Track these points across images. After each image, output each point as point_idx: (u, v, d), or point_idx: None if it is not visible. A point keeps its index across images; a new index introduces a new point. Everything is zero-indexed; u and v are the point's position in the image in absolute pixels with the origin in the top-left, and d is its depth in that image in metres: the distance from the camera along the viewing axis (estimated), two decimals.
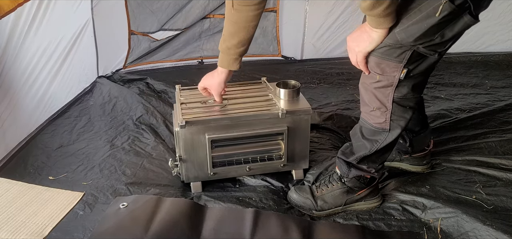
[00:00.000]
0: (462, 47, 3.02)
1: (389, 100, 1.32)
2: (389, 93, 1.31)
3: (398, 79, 1.27)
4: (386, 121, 1.36)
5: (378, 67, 1.28)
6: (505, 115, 2.16)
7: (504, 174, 1.69)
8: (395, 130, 1.38)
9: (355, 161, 1.50)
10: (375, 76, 1.31)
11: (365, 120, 1.42)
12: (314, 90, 2.64)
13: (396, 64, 1.25)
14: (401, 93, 1.32)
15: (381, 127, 1.38)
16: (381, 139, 1.40)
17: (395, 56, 1.24)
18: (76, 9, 2.43)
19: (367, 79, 1.35)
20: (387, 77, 1.29)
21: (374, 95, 1.34)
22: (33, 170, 1.88)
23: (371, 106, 1.37)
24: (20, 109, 2.08)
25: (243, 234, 1.44)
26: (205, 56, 3.08)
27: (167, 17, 2.84)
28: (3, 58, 1.92)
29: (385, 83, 1.30)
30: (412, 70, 1.27)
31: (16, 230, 1.45)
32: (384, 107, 1.34)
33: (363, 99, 1.40)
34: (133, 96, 2.49)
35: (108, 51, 2.77)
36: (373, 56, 1.27)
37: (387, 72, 1.28)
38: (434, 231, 1.46)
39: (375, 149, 1.42)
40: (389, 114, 1.35)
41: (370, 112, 1.39)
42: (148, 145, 2.07)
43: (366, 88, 1.37)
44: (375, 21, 1.19)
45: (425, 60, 1.27)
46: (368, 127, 1.42)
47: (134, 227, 1.45)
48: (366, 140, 1.43)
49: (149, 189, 1.72)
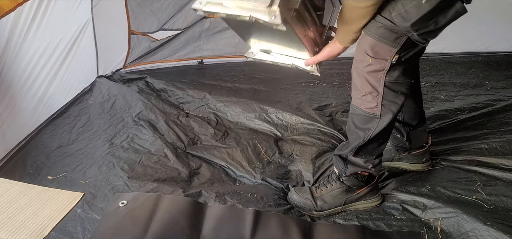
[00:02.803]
0: (462, 47, 3.01)
1: (381, 84, 1.34)
2: (380, 77, 1.34)
3: (390, 63, 1.30)
4: (377, 105, 1.38)
5: (372, 50, 1.30)
6: (505, 116, 2.15)
7: (505, 174, 1.69)
8: (386, 115, 1.39)
9: (351, 153, 1.50)
10: (367, 59, 1.32)
11: (357, 106, 1.43)
12: (314, 89, 2.64)
13: (390, 48, 1.28)
14: (392, 77, 1.34)
15: (372, 112, 1.39)
16: (373, 126, 1.41)
17: (391, 41, 1.27)
18: (76, 9, 2.42)
19: (359, 63, 1.37)
20: (379, 61, 1.31)
21: (366, 80, 1.36)
22: (32, 170, 1.88)
23: (363, 91, 1.38)
24: (20, 109, 2.08)
25: (243, 234, 1.44)
26: (205, 56, 3.07)
27: (167, 17, 2.84)
28: (3, 58, 1.92)
29: (377, 67, 1.32)
30: (403, 56, 1.31)
31: (16, 230, 1.45)
32: (375, 91, 1.36)
33: (355, 84, 1.41)
34: (132, 94, 2.49)
35: (108, 51, 2.77)
36: (369, 36, 1.29)
37: (380, 55, 1.30)
38: (435, 231, 1.46)
39: (369, 137, 1.43)
40: (380, 98, 1.37)
41: (361, 98, 1.40)
42: (147, 141, 2.07)
43: (359, 73, 1.38)
44: (349, 35, 1.31)
45: (415, 47, 1.32)
46: (359, 113, 1.43)
47: (134, 226, 1.45)
48: (359, 129, 1.44)
49: (147, 183, 1.73)
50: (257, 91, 2.62)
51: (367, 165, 1.52)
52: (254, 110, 2.32)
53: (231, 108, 2.36)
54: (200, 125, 2.26)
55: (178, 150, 2.04)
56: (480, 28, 2.83)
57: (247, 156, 1.98)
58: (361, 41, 1.32)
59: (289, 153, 2.02)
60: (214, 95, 2.47)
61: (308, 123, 2.21)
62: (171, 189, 1.70)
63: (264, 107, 2.32)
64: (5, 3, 1.87)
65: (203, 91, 2.50)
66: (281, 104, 2.43)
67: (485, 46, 3.03)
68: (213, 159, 1.97)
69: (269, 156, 2.00)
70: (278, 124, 2.24)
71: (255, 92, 2.62)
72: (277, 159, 1.98)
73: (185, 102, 2.49)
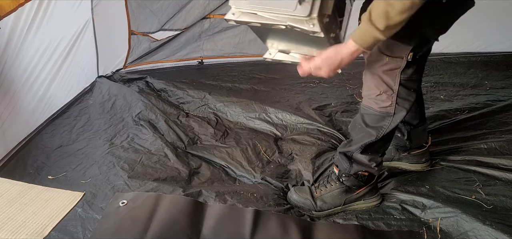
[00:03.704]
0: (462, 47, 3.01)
1: (396, 82, 1.36)
2: (396, 76, 1.35)
3: (406, 61, 1.32)
4: (392, 104, 1.39)
5: (387, 49, 1.32)
6: (504, 116, 2.16)
7: (504, 173, 1.69)
8: (400, 112, 1.40)
9: (359, 150, 1.50)
10: (384, 58, 1.34)
11: (369, 107, 1.44)
12: (314, 89, 2.65)
13: (405, 46, 1.30)
14: (407, 74, 1.36)
15: (386, 111, 1.40)
16: (386, 124, 1.42)
17: (406, 39, 1.28)
18: (76, 9, 2.43)
19: (374, 63, 1.38)
20: (395, 60, 1.33)
21: (381, 79, 1.37)
22: (33, 170, 1.89)
23: (378, 90, 1.39)
24: (20, 109, 2.09)
25: (243, 234, 1.44)
26: (205, 56, 3.07)
27: (167, 17, 2.84)
28: (3, 58, 1.92)
29: (393, 66, 1.34)
30: (417, 53, 1.33)
31: (16, 230, 1.45)
32: (390, 90, 1.37)
33: (369, 85, 1.42)
34: (132, 94, 2.49)
35: (108, 51, 2.77)
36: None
37: (396, 53, 1.32)
38: (434, 230, 1.47)
39: (382, 134, 1.43)
40: (395, 96, 1.38)
41: (376, 97, 1.40)
42: (147, 141, 2.07)
43: (373, 73, 1.39)
44: (375, 33, 1.12)
45: (427, 44, 1.35)
46: (371, 113, 1.43)
47: (134, 226, 1.45)
48: (371, 128, 1.44)
49: (147, 183, 1.73)
50: (257, 91, 2.63)
51: (371, 164, 1.52)
52: (254, 110, 2.32)
53: (231, 108, 2.37)
54: (200, 124, 2.26)
55: (178, 149, 2.04)
56: (479, 28, 2.83)
57: (247, 156, 1.98)
58: None
59: (289, 152, 2.02)
60: (214, 95, 2.47)
61: (307, 122, 2.22)
62: (171, 188, 1.70)
63: (264, 107, 2.33)
64: (6, 3, 1.88)
65: (203, 91, 2.50)
66: (281, 104, 2.44)
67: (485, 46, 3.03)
68: (213, 159, 1.98)
69: (268, 156, 2.00)
70: (277, 124, 2.25)
71: (255, 92, 2.63)
72: (276, 159, 1.98)
73: (185, 102, 2.49)
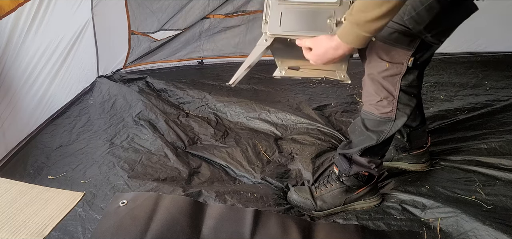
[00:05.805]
0: (462, 47, 3.01)
1: (397, 88, 1.35)
2: (396, 82, 1.34)
3: (407, 67, 1.31)
4: (393, 110, 1.38)
5: (387, 55, 1.30)
6: (504, 116, 2.16)
7: (504, 173, 1.69)
8: (400, 118, 1.39)
9: (359, 153, 1.49)
10: (384, 64, 1.32)
11: (370, 112, 1.43)
12: (314, 90, 2.65)
13: (405, 51, 1.28)
14: (408, 80, 1.35)
15: (387, 117, 1.39)
16: (386, 129, 1.41)
17: (406, 44, 1.27)
18: (76, 9, 2.43)
19: (374, 69, 1.36)
20: (396, 66, 1.31)
21: (381, 85, 1.36)
22: (33, 170, 1.89)
23: (379, 96, 1.38)
24: (20, 109, 2.08)
25: (243, 234, 1.44)
26: (205, 56, 3.07)
27: (167, 17, 2.84)
28: (3, 58, 1.92)
29: (394, 72, 1.33)
30: (418, 58, 1.31)
31: (16, 230, 1.45)
32: (391, 96, 1.36)
33: (369, 91, 1.41)
34: (132, 94, 2.49)
35: (108, 51, 2.77)
36: (383, 43, 1.29)
37: (396, 59, 1.30)
38: (434, 230, 1.47)
39: (382, 139, 1.43)
40: (395, 103, 1.37)
41: (376, 103, 1.39)
42: (147, 141, 2.07)
43: (373, 79, 1.38)
44: (355, 29, 1.08)
45: (429, 49, 1.32)
46: (372, 118, 1.42)
47: (134, 226, 1.45)
48: (371, 132, 1.44)
49: (147, 182, 1.73)
50: (257, 91, 2.63)
51: (371, 165, 1.52)
52: (254, 110, 2.32)
53: (231, 108, 2.37)
54: (200, 124, 2.26)
55: (178, 149, 2.04)
56: (479, 28, 2.83)
57: (247, 156, 1.98)
58: (374, 47, 1.32)
59: (289, 152, 2.02)
60: (214, 95, 2.47)
61: (307, 122, 2.22)
62: (171, 188, 1.70)
63: (264, 107, 2.33)
64: (6, 3, 1.87)
65: (203, 91, 2.50)
66: (281, 104, 2.44)
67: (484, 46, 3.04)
68: (213, 159, 1.98)
69: (268, 155, 2.00)
70: (277, 124, 2.25)
71: (255, 92, 2.63)
72: (276, 158, 1.98)
73: (185, 102, 2.49)
